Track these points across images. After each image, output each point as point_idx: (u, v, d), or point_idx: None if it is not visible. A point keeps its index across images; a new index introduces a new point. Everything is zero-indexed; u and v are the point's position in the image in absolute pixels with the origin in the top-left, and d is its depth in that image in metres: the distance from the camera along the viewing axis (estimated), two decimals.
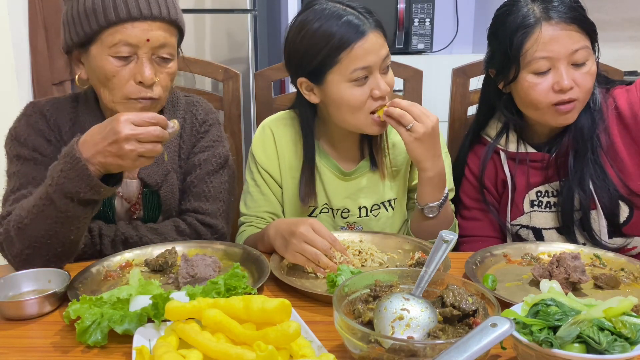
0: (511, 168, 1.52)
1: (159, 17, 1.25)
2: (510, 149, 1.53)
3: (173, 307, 0.88)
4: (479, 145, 1.59)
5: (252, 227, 1.50)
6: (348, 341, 0.84)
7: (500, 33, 1.41)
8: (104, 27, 1.22)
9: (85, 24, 1.23)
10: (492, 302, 0.88)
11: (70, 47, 1.30)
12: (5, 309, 1.05)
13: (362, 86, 1.34)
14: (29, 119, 1.35)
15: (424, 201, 1.39)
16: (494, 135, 1.56)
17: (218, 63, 1.84)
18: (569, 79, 1.34)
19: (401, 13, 2.99)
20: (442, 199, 1.39)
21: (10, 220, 1.21)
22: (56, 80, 2.86)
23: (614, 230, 1.46)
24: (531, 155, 1.50)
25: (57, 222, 1.16)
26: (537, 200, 1.51)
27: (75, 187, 1.11)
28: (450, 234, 1.03)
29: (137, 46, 1.24)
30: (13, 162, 1.33)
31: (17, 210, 1.21)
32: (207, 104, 1.52)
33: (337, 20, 1.32)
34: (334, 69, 1.33)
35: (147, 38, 1.24)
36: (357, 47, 1.31)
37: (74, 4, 1.25)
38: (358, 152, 1.52)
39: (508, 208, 1.53)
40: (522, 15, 1.36)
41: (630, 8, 3.20)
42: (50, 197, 1.13)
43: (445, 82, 1.84)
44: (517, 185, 1.52)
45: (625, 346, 0.79)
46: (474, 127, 1.61)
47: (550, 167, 1.48)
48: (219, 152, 1.46)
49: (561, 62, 1.34)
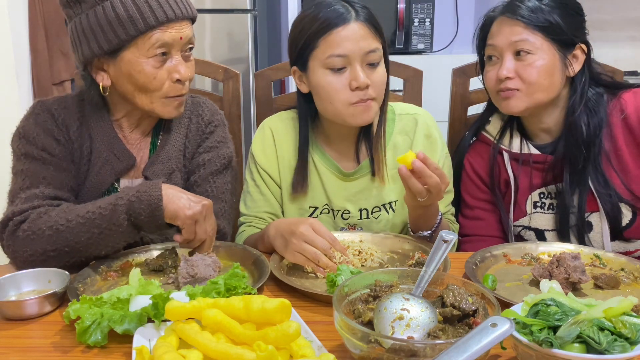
0: (514, 168, 1.53)
1: (187, 16, 1.31)
2: (514, 149, 1.53)
3: (173, 307, 0.88)
4: (478, 141, 1.60)
5: (251, 228, 1.50)
6: (348, 341, 0.84)
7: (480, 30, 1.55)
8: (142, 32, 1.25)
9: (120, 31, 1.24)
10: (492, 302, 0.88)
11: (90, 58, 1.30)
12: (5, 309, 1.05)
13: (339, 75, 1.35)
14: (37, 117, 1.35)
15: (415, 229, 1.39)
16: (494, 133, 1.56)
17: (218, 63, 1.84)
18: (507, 69, 1.41)
19: (401, 13, 2.99)
20: (435, 226, 1.37)
21: (41, 220, 1.21)
22: (56, 80, 2.87)
23: (615, 234, 1.45)
24: (534, 156, 1.50)
25: (102, 234, 1.19)
26: (539, 202, 1.51)
27: (142, 211, 1.18)
28: (450, 234, 1.03)
29: (172, 45, 1.29)
30: (20, 160, 1.33)
31: (59, 213, 1.22)
32: (212, 105, 1.53)
33: (325, 8, 1.36)
34: (313, 53, 1.37)
35: (180, 36, 1.29)
36: (334, 33, 1.33)
37: (97, 13, 1.24)
38: (357, 152, 1.51)
39: (511, 209, 1.53)
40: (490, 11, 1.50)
41: (630, 8, 3.20)
42: (115, 208, 1.18)
43: (445, 82, 1.84)
44: (520, 186, 1.52)
45: (625, 346, 0.79)
46: (478, 124, 1.62)
47: (550, 170, 1.48)
48: (224, 152, 1.46)
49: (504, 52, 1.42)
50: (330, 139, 1.52)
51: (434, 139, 1.51)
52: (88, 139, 1.37)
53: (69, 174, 1.34)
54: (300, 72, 1.43)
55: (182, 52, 1.32)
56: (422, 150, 1.41)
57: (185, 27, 1.30)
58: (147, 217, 1.18)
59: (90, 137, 1.37)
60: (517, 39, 1.40)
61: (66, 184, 1.33)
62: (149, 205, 1.18)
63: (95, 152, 1.37)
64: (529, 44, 1.40)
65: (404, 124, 1.52)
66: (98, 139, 1.37)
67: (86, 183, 1.37)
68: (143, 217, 1.18)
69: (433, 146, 1.50)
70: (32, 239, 1.21)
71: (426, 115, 1.54)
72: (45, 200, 1.27)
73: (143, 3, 1.24)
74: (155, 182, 1.21)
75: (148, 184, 1.21)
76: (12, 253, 1.24)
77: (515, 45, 1.40)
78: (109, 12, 1.23)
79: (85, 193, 1.36)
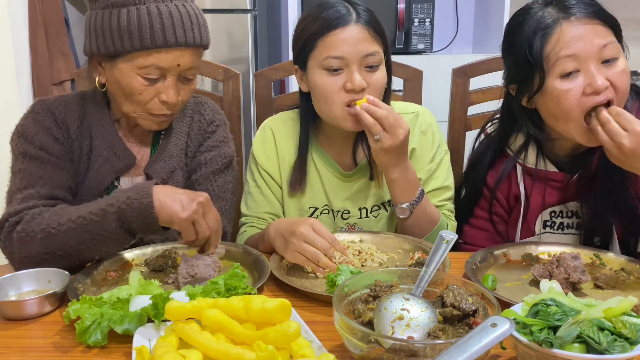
0: (527, 184, 1.42)
1: (192, 44, 1.27)
2: (529, 164, 1.42)
3: (173, 307, 0.88)
4: (500, 159, 1.47)
5: (252, 228, 1.50)
6: (348, 341, 0.84)
7: (516, 43, 1.30)
8: (137, 49, 1.23)
9: (118, 42, 1.24)
10: (492, 302, 0.88)
11: (91, 53, 1.31)
12: (5, 309, 1.05)
13: (335, 76, 1.35)
14: (37, 116, 1.35)
15: (395, 202, 1.40)
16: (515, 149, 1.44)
17: (218, 63, 1.84)
18: (601, 78, 1.20)
19: (401, 13, 2.99)
20: (414, 199, 1.38)
21: (35, 221, 1.20)
22: (56, 81, 2.86)
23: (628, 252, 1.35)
24: (550, 174, 1.39)
25: (95, 239, 1.18)
26: (550, 221, 1.43)
27: (134, 217, 1.15)
28: (450, 234, 1.03)
29: (168, 70, 1.27)
30: (19, 160, 1.33)
31: (51, 215, 1.20)
32: (214, 105, 1.54)
33: (327, 8, 1.36)
34: (312, 54, 1.37)
35: (177, 63, 1.27)
36: (332, 35, 1.33)
37: (105, 15, 1.24)
38: (356, 153, 1.51)
39: (518, 226, 1.44)
40: (538, 18, 1.26)
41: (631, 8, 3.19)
42: (105, 215, 1.16)
43: (445, 82, 1.84)
44: (531, 204, 1.41)
45: (625, 346, 0.79)
46: (497, 144, 1.48)
47: (571, 188, 1.38)
48: (225, 152, 1.47)
49: (590, 61, 1.21)
50: (329, 139, 1.52)
51: (430, 135, 1.51)
52: (88, 138, 1.37)
53: (67, 173, 1.34)
54: (301, 72, 1.44)
55: (180, 76, 1.30)
56: (416, 146, 1.47)
57: (186, 54, 1.27)
58: (140, 224, 1.16)
59: (91, 136, 1.37)
60: (606, 41, 1.21)
61: (63, 184, 1.32)
62: (140, 212, 1.15)
63: (95, 151, 1.37)
64: (617, 47, 1.22)
65: None
66: (98, 137, 1.37)
67: (86, 181, 1.37)
68: (136, 224, 1.17)
69: (428, 142, 1.50)
70: (25, 241, 1.20)
71: (426, 113, 1.54)
72: (40, 201, 1.26)
73: (147, 22, 1.22)
74: (146, 187, 1.18)
75: (139, 189, 1.17)
76: (9, 254, 1.24)
77: (604, 50, 1.20)
78: (114, 19, 1.23)
79: (85, 191, 1.36)
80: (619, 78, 1.22)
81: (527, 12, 1.30)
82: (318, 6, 1.38)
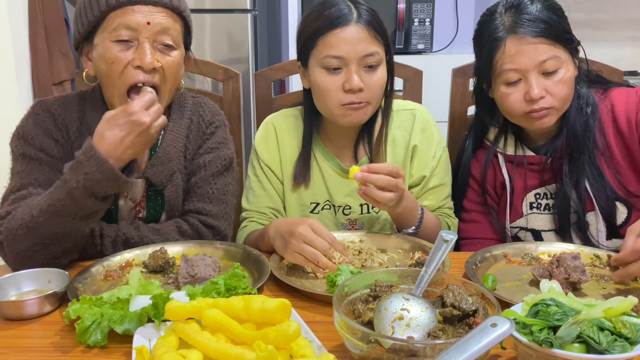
0: (509, 171, 1.53)
1: (160, 2, 1.26)
2: (509, 152, 1.53)
3: (173, 307, 0.88)
4: (481, 150, 1.59)
5: (253, 223, 1.51)
6: (348, 341, 0.84)
7: (479, 41, 1.45)
8: (105, 12, 1.24)
9: (90, 12, 1.25)
10: (492, 302, 0.88)
11: (78, 41, 1.32)
12: (5, 309, 1.05)
13: (334, 75, 1.36)
14: (36, 117, 1.35)
15: (400, 229, 1.41)
16: (491, 139, 1.56)
17: (218, 63, 1.84)
18: (539, 89, 1.34)
19: (401, 13, 2.99)
20: (418, 222, 1.39)
21: (12, 219, 1.20)
22: (56, 80, 2.86)
23: (611, 232, 1.45)
24: (529, 158, 1.50)
25: (76, 219, 1.19)
26: (535, 203, 1.52)
27: (103, 188, 1.16)
28: (450, 234, 1.03)
29: (138, 30, 1.24)
30: (18, 161, 1.33)
31: (24, 209, 1.20)
32: (214, 105, 1.53)
33: (330, 7, 1.36)
34: (312, 52, 1.38)
35: (147, 21, 1.24)
36: (332, 35, 1.34)
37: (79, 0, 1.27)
38: (357, 149, 1.52)
39: (507, 211, 1.53)
40: (494, 28, 1.38)
41: (630, 8, 3.19)
42: (74, 197, 1.16)
43: (445, 82, 1.84)
44: (515, 187, 1.52)
45: (625, 346, 0.79)
46: (475, 133, 1.60)
47: (547, 170, 1.49)
48: (224, 154, 1.46)
49: (530, 73, 1.35)
50: (331, 135, 1.53)
51: (430, 133, 1.52)
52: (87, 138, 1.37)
53: None
54: (303, 68, 1.45)
55: (155, 42, 1.27)
56: (417, 143, 1.49)
57: (156, 13, 1.25)
58: (112, 186, 1.17)
59: (90, 136, 1.37)
60: (546, 57, 1.34)
61: None
62: (106, 180, 1.15)
63: None
64: (557, 61, 1.35)
65: (402, 119, 1.53)
66: None
67: None
68: (109, 189, 1.17)
69: (429, 139, 1.52)
70: (10, 240, 1.20)
71: (423, 111, 1.55)
72: None
73: None
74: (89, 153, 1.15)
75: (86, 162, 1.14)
76: (4, 255, 1.25)
77: (544, 65, 1.34)
78: None
79: None
80: (556, 87, 1.36)
81: (491, 14, 1.42)
82: (321, 4, 1.39)
